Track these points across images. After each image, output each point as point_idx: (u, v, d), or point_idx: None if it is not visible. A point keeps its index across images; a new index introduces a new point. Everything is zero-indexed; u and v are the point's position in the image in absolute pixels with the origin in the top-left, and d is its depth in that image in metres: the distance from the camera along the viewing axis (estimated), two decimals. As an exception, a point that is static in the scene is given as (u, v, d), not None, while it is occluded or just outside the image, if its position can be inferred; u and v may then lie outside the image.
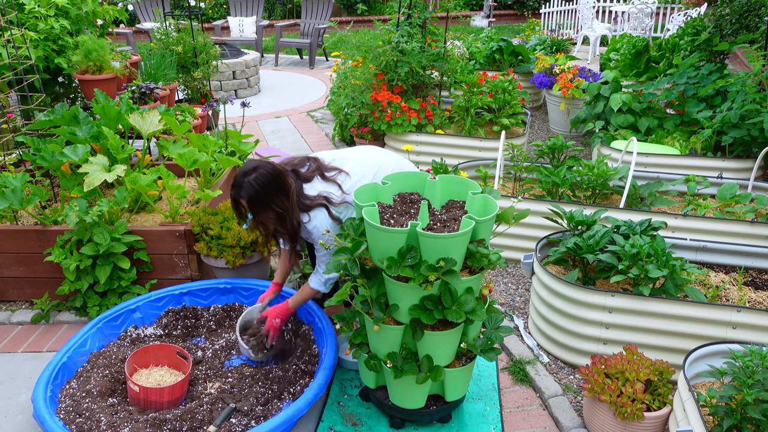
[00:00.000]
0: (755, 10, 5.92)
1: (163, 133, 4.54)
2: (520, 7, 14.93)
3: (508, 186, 4.51)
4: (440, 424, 2.76)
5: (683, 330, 2.89)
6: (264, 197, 2.61)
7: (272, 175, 2.62)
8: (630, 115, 5.53)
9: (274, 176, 2.62)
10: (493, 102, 5.68)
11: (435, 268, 2.26)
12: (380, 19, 7.82)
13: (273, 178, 2.62)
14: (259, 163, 2.67)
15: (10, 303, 3.66)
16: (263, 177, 2.61)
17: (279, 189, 2.63)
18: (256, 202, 2.62)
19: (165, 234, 3.48)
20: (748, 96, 4.97)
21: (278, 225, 2.71)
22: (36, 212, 3.78)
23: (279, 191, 2.63)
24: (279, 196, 2.63)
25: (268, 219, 2.69)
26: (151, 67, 5.60)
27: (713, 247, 3.44)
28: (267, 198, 2.62)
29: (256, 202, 2.62)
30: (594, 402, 2.60)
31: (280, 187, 2.63)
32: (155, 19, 9.65)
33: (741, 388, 2.28)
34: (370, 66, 5.58)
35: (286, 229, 2.72)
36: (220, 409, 2.63)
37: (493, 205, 2.44)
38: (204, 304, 3.40)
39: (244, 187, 2.61)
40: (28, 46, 4.12)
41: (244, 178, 2.62)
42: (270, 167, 2.64)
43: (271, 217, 2.68)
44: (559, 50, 8.60)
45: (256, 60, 8.48)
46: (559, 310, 3.07)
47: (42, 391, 2.61)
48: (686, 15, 9.52)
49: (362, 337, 2.65)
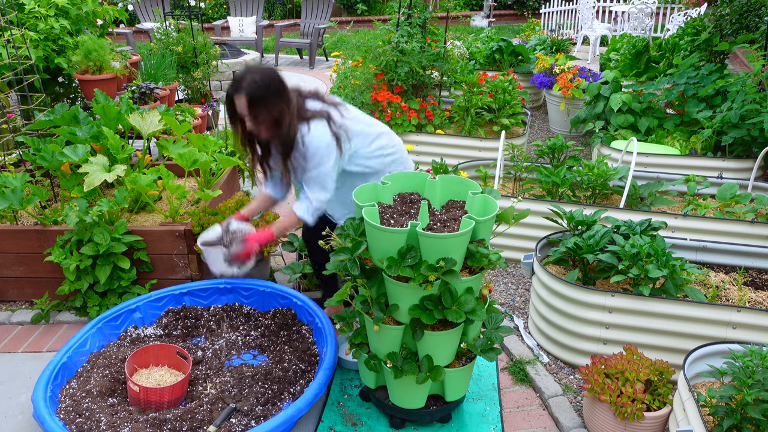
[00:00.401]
0: (755, 10, 5.92)
1: (163, 133, 4.54)
2: (520, 7, 14.93)
3: (508, 186, 4.51)
4: (440, 424, 2.76)
5: (683, 330, 2.89)
6: (264, 96, 2.56)
7: (276, 77, 2.59)
8: (630, 115, 5.53)
9: (277, 79, 2.59)
10: (493, 102, 5.68)
11: (435, 268, 2.26)
12: (380, 19, 7.82)
13: (276, 81, 2.58)
14: (263, 66, 2.63)
15: (10, 303, 3.66)
16: (267, 76, 2.57)
17: (280, 93, 2.59)
18: (256, 100, 2.56)
19: (165, 234, 3.49)
20: (748, 96, 4.97)
21: (274, 130, 2.64)
22: (36, 212, 3.78)
23: (280, 96, 2.59)
24: (279, 100, 2.59)
25: (264, 121, 2.61)
26: (151, 67, 5.60)
27: (713, 247, 3.44)
28: (267, 98, 2.56)
29: (256, 100, 2.56)
30: (594, 402, 2.60)
31: (282, 92, 2.60)
32: (155, 19, 9.65)
33: (741, 388, 2.28)
34: (370, 66, 5.58)
35: (280, 135, 2.65)
36: (220, 409, 2.63)
37: (493, 205, 2.44)
38: (204, 304, 3.40)
39: (245, 82, 2.55)
40: (28, 46, 4.12)
41: (246, 75, 2.57)
42: (274, 71, 2.61)
43: (268, 120, 2.61)
44: (559, 50, 8.60)
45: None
46: (559, 310, 3.07)
47: (42, 391, 2.61)
48: (686, 15, 9.52)
49: (362, 337, 2.65)
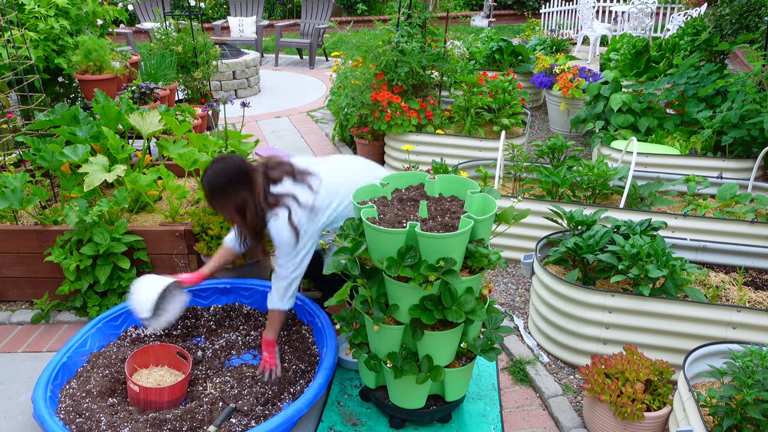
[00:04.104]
0: (755, 10, 5.91)
1: (163, 133, 4.54)
2: (520, 7, 14.93)
3: (508, 186, 4.51)
4: (440, 424, 2.76)
5: (683, 330, 2.89)
6: (226, 187, 2.61)
7: (239, 167, 2.62)
8: (630, 115, 5.53)
9: (240, 169, 2.62)
10: (493, 102, 5.68)
11: (435, 268, 2.26)
12: (380, 19, 7.82)
13: (239, 171, 2.62)
14: (229, 155, 2.67)
15: (10, 303, 3.66)
16: (229, 167, 2.61)
17: (243, 182, 2.62)
18: (217, 191, 2.63)
19: (165, 234, 3.49)
20: (748, 96, 4.97)
21: (238, 218, 2.70)
22: (36, 212, 3.78)
23: (243, 185, 2.62)
24: (242, 189, 2.62)
25: (227, 210, 2.68)
26: (151, 67, 5.60)
27: (713, 247, 3.44)
28: (229, 189, 2.61)
29: (217, 191, 2.63)
30: (594, 402, 2.60)
31: (245, 181, 2.63)
32: (155, 19, 9.64)
33: (741, 388, 2.28)
34: (370, 66, 5.58)
35: (245, 224, 2.70)
36: (220, 409, 2.63)
37: (492, 204, 2.44)
38: (204, 304, 3.40)
39: (207, 175, 2.63)
40: (28, 46, 4.12)
41: (211, 166, 2.64)
42: (239, 160, 2.65)
43: (231, 209, 2.67)
44: (559, 50, 8.60)
45: (256, 60, 8.48)
46: (559, 310, 3.07)
47: (42, 391, 2.61)
48: (686, 15, 9.52)
49: (362, 337, 2.65)
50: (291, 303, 2.81)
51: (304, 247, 2.71)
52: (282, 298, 2.78)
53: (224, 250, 3.05)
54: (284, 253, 2.68)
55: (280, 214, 2.64)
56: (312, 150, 6.25)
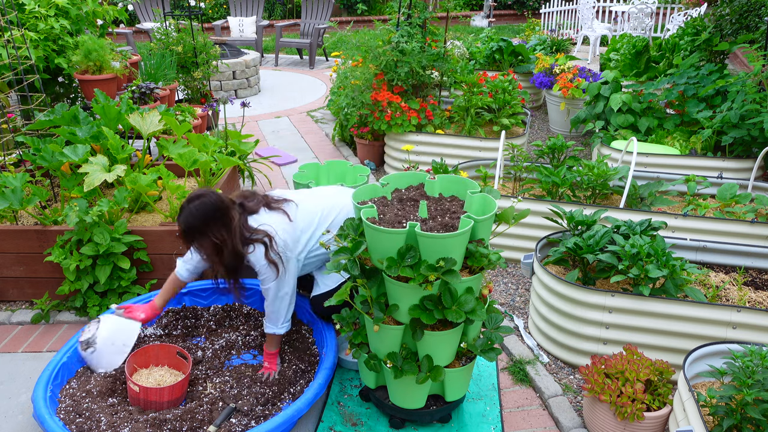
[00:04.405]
0: (755, 10, 5.91)
1: (163, 133, 4.54)
2: (520, 7, 14.93)
3: (508, 186, 4.51)
4: (440, 424, 2.76)
5: (683, 330, 2.89)
6: (201, 226, 2.57)
7: (215, 205, 2.58)
8: (630, 115, 5.53)
9: (216, 206, 2.58)
10: (493, 102, 5.68)
11: (435, 268, 2.26)
12: (380, 19, 7.82)
13: (215, 208, 2.58)
14: (205, 191, 2.63)
15: (10, 303, 3.66)
16: (204, 206, 2.57)
17: (220, 219, 2.59)
18: (193, 230, 2.59)
19: (165, 234, 3.49)
20: (748, 96, 4.97)
21: (215, 256, 2.65)
22: (36, 212, 3.78)
23: (219, 222, 2.59)
24: (219, 226, 2.58)
25: (206, 249, 2.64)
26: (151, 67, 5.60)
27: (713, 247, 3.44)
28: (205, 227, 2.58)
29: (193, 230, 2.59)
30: (594, 402, 2.60)
31: (222, 218, 2.59)
32: (155, 19, 9.64)
33: (741, 388, 2.28)
34: (370, 66, 5.58)
35: (222, 262, 2.66)
36: (220, 409, 2.63)
37: (492, 204, 2.44)
38: (204, 304, 3.40)
39: (183, 214, 2.59)
40: (28, 46, 4.12)
41: (186, 204, 2.59)
42: (215, 197, 2.60)
43: (208, 247, 2.62)
44: (559, 50, 8.60)
45: (256, 60, 8.48)
46: (559, 310, 3.07)
47: (42, 391, 2.61)
48: (686, 15, 9.52)
49: (362, 337, 2.65)
50: (287, 327, 2.84)
51: (287, 271, 2.74)
52: (276, 323, 2.82)
53: (174, 279, 3.01)
54: (268, 279, 2.71)
55: (257, 248, 2.64)
56: (312, 150, 6.25)
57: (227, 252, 2.62)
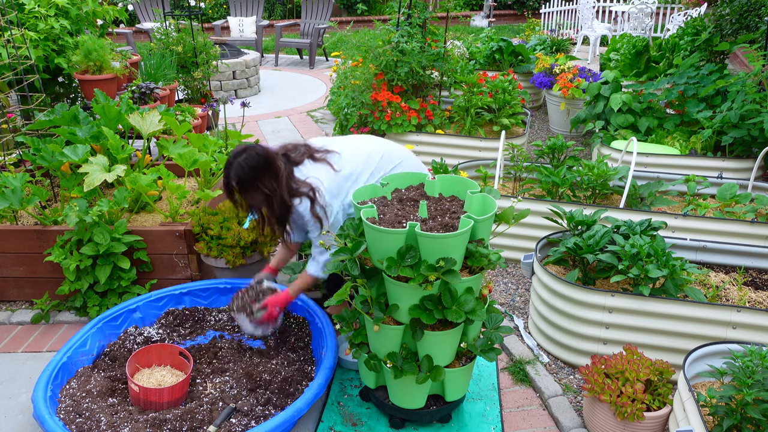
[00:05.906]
0: (755, 10, 5.91)
1: (163, 133, 4.54)
2: (520, 7, 14.93)
3: (508, 186, 4.51)
4: (440, 424, 2.76)
5: (683, 330, 2.89)
6: (252, 178, 2.62)
7: (261, 156, 2.64)
8: (630, 115, 5.53)
9: (263, 158, 2.64)
10: (493, 102, 5.68)
11: (435, 267, 2.26)
12: (380, 19, 7.82)
13: (262, 160, 2.63)
14: (248, 146, 2.68)
15: (10, 303, 3.66)
16: (252, 158, 2.62)
17: (268, 170, 2.64)
18: (245, 183, 2.63)
19: (165, 234, 3.49)
20: (748, 96, 4.97)
21: (266, 207, 2.72)
22: (36, 212, 3.78)
23: (268, 173, 2.64)
24: (268, 177, 2.64)
25: (257, 201, 2.70)
26: (151, 67, 5.60)
27: (713, 247, 3.44)
28: (255, 179, 2.62)
29: (245, 183, 2.63)
30: (594, 402, 2.60)
31: (269, 168, 2.64)
32: (155, 19, 9.65)
33: (741, 388, 2.28)
34: (370, 66, 5.58)
35: (273, 213, 2.72)
36: (220, 409, 2.63)
37: (492, 204, 2.44)
38: (204, 304, 3.40)
39: (233, 168, 2.63)
40: (28, 46, 4.12)
41: (234, 159, 2.64)
42: (260, 149, 2.66)
43: (260, 199, 2.68)
44: (559, 50, 8.60)
45: (256, 60, 8.48)
46: (559, 310, 3.07)
47: (42, 391, 2.61)
48: (686, 15, 9.52)
49: (362, 337, 2.65)
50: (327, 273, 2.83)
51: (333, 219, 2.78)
52: (319, 267, 2.86)
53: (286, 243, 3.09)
54: (314, 228, 2.76)
55: (303, 201, 2.69)
56: (312, 150, 6.24)
57: (276, 202, 2.67)
